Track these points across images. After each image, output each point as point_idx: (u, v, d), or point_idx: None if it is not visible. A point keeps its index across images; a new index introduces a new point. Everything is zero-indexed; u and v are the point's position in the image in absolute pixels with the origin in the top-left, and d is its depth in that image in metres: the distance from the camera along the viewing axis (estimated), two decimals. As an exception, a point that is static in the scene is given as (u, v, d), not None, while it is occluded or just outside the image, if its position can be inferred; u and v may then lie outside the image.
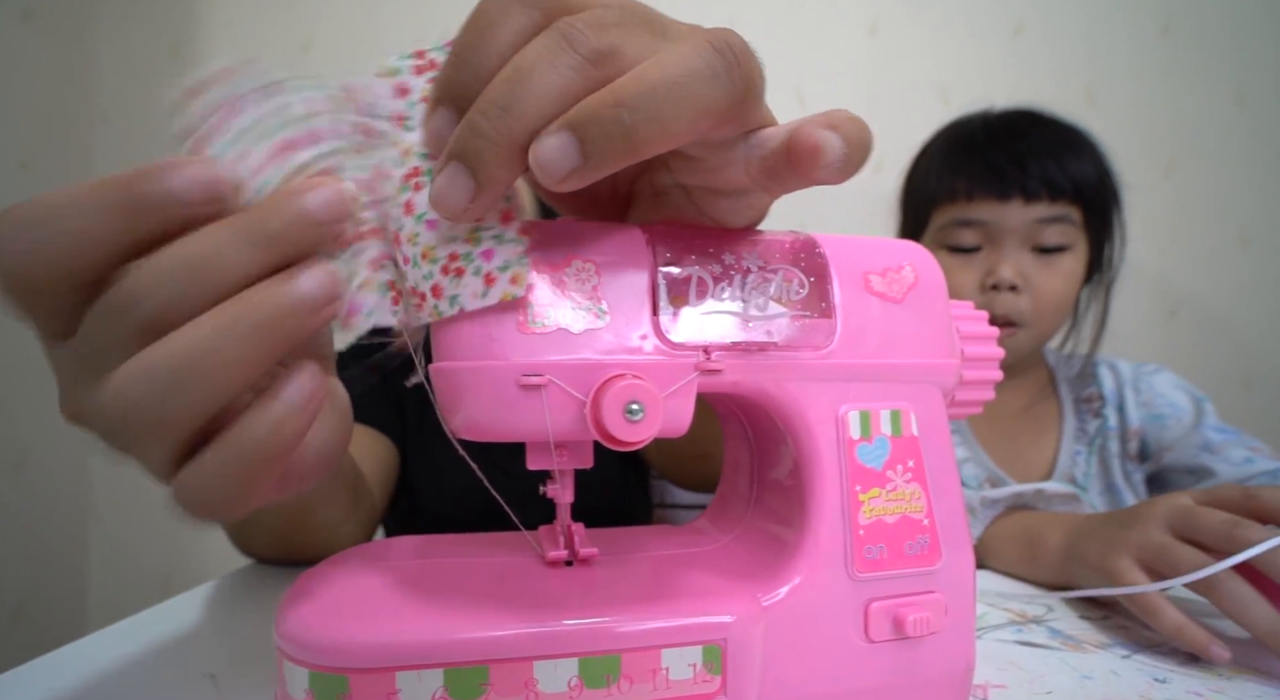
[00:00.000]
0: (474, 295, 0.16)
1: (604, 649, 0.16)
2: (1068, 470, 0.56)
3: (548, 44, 0.14)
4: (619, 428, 0.16)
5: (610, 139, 0.13)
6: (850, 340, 0.20)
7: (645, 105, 0.13)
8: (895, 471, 0.20)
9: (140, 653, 0.25)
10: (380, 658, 0.15)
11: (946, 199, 0.54)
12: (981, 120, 0.56)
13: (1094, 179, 0.53)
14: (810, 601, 0.19)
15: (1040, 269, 0.53)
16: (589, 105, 0.13)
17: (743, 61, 0.14)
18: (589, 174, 0.14)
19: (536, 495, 0.21)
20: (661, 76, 0.13)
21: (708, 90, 0.14)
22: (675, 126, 0.14)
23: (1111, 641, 0.27)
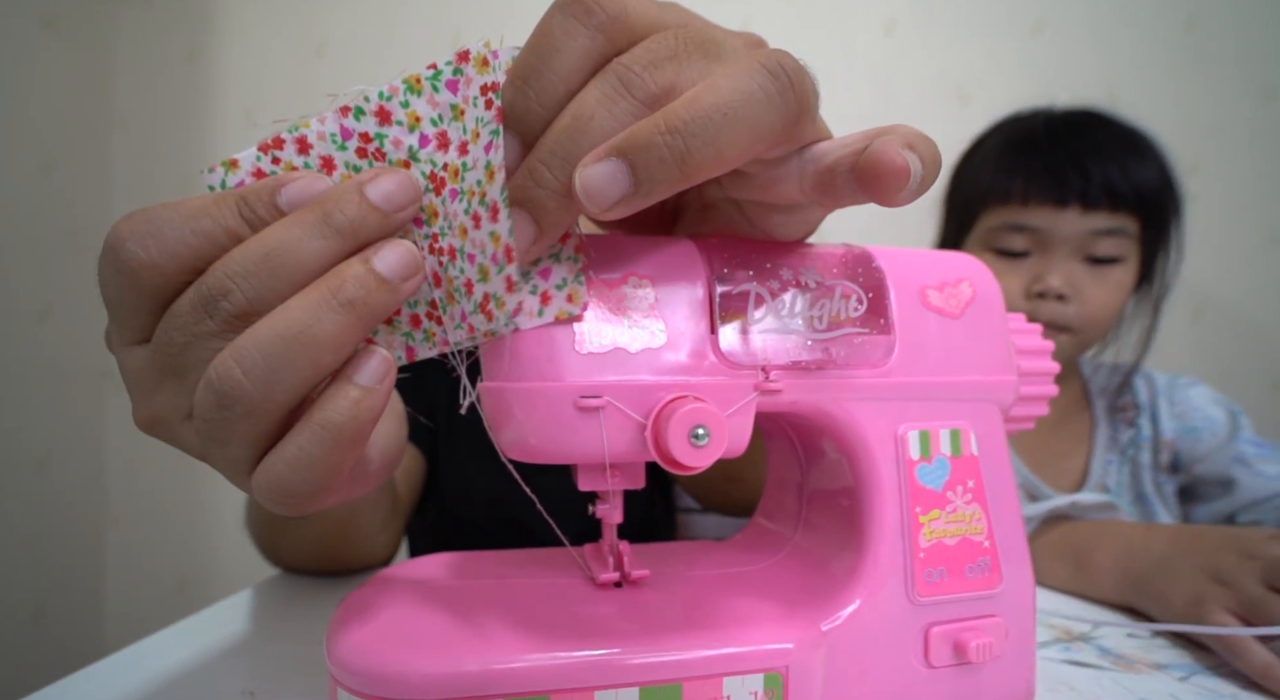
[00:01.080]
0: (530, 314, 0.16)
1: (666, 678, 0.16)
2: (1100, 479, 0.55)
3: (604, 90, 0.14)
4: (684, 453, 0.15)
5: (664, 165, 0.13)
6: (909, 358, 0.19)
7: (699, 131, 0.13)
8: (955, 492, 0.19)
9: (176, 667, 0.25)
10: (441, 689, 0.15)
11: (999, 200, 0.52)
12: (1044, 117, 0.54)
13: (1157, 187, 0.50)
14: (870, 626, 0.18)
15: (1090, 280, 0.51)
16: (640, 132, 0.13)
17: (796, 83, 0.14)
18: (639, 201, 0.14)
19: (565, 507, 0.20)
20: (714, 101, 0.13)
21: (762, 113, 0.14)
22: (730, 151, 0.13)
23: (1166, 662, 0.26)
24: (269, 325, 0.14)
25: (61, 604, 0.92)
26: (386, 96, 0.16)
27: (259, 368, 0.13)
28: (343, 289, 0.14)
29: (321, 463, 0.14)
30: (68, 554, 0.93)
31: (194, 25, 0.96)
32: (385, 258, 0.15)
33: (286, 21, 0.96)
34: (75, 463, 0.93)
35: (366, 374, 0.15)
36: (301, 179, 0.15)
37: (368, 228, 0.15)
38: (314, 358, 0.14)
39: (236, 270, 0.14)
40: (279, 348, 0.13)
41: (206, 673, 0.25)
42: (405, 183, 0.15)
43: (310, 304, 0.14)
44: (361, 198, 0.15)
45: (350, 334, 0.14)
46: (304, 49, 0.96)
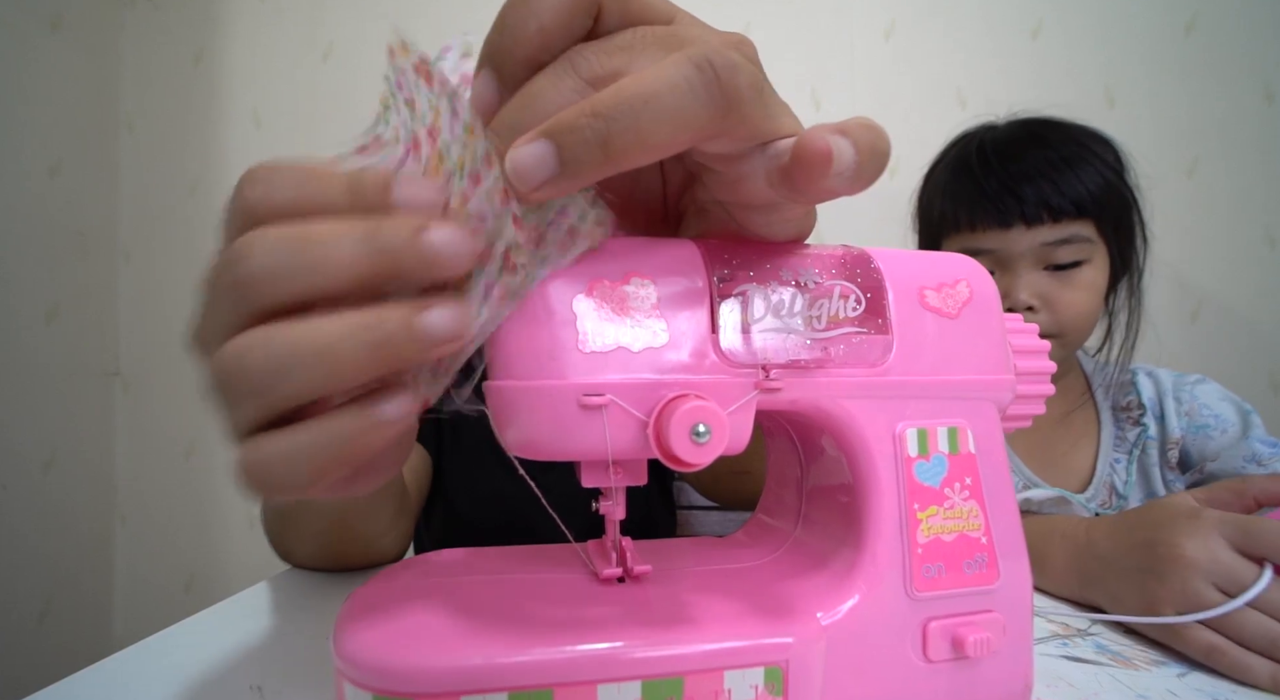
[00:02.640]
0: (561, 250, 0.16)
1: (667, 671, 0.16)
2: (1107, 478, 0.55)
3: (554, 69, 0.15)
4: (685, 450, 0.16)
5: (587, 147, 0.14)
6: (907, 357, 0.20)
7: (620, 116, 0.13)
8: (953, 489, 0.20)
9: (184, 663, 0.26)
10: (446, 682, 0.15)
11: (951, 228, 0.54)
12: (978, 141, 0.55)
13: (1099, 191, 0.51)
14: (869, 621, 0.19)
15: (1057, 286, 0.51)
16: (566, 115, 0.14)
17: (724, 77, 0.14)
18: (564, 183, 0.14)
19: (569, 505, 0.20)
20: (637, 90, 0.14)
21: (685, 104, 0.14)
22: (652, 138, 0.14)
23: (1164, 659, 0.27)
24: (299, 330, 0.14)
25: (69, 602, 0.92)
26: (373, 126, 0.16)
27: (273, 363, 0.13)
28: (381, 327, 0.14)
29: (310, 465, 0.14)
30: (75, 552, 0.94)
31: (201, 27, 0.97)
32: (432, 317, 0.14)
33: (293, 24, 0.97)
34: (82, 462, 0.94)
35: (390, 409, 0.14)
36: (419, 184, 0.15)
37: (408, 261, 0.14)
38: (326, 375, 0.14)
39: (269, 239, 0.14)
40: (296, 356, 0.13)
41: (214, 669, 0.25)
42: (464, 238, 0.15)
43: (344, 329, 0.14)
44: (414, 235, 0.14)
45: (366, 370, 0.14)
46: (311, 52, 0.97)
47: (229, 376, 0.14)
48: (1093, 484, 0.55)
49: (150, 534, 1.00)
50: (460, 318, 0.14)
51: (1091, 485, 0.55)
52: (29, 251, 0.86)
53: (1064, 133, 0.54)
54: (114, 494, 0.99)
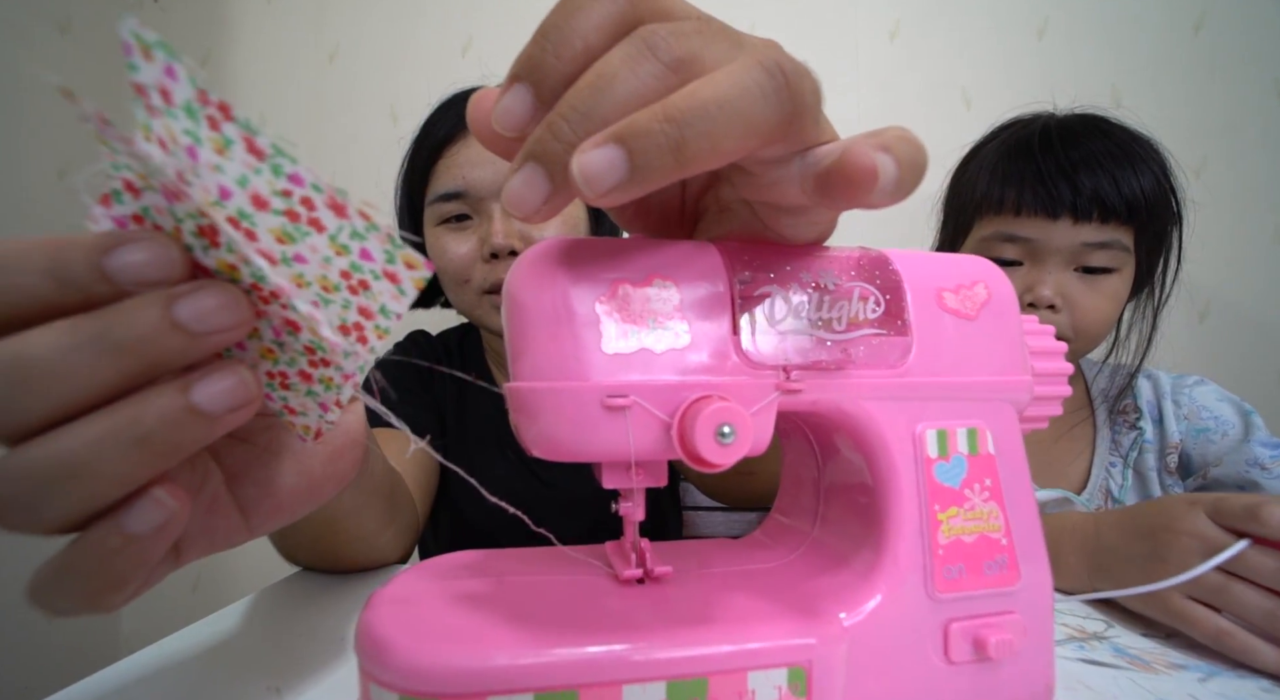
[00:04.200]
0: (394, 297, 0.15)
1: (692, 672, 0.16)
2: (1102, 484, 0.55)
3: (630, 51, 0.14)
4: (710, 450, 0.16)
5: (660, 153, 0.13)
6: (926, 358, 0.20)
7: (695, 121, 0.13)
8: (973, 490, 0.20)
9: (201, 664, 0.26)
10: (473, 683, 0.15)
11: (992, 209, 0.52)
12: (1040, 124, 0.53)
13: (1152, 197, 0.50)
14: (891, 622, 0.19)
15: (1083, 289, 0.51)
16: (639, 119, 0.13)
17: (793, 82, 0.14)
18: (633, 188, 0.13)
19: (574, 506, 0.20)
20: (712, 94, 0.13)
21: (757, 109, 0.14)
22: (725, 144, 0.14)
23: (1185, 663, 0.27)
24: (42, 450, 0.12)
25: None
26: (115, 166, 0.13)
27: (25, 496, 0.12)
28: (142, 423, 0.12)
29: (71, 595, 0.13)
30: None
31: (207, 30, 0.98)
32: (207, 388, 0.12)
33: (299, 26, 0.98)
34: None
35: (134, 519, 0.12)
36: (142, 241, 0.12)
37: (162, 350, 0.12)
38: (90, 493, 0.12)
39: None
40: (46, 477, 0.12)
41: (232, 669, 0.25)
42: (232, 300, 0.12)
43: (95, 435, 0.12)
44: (160, 317, 0.12)
45: (144, 470, 0.12)
46: (316, 55, 0.97)
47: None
48: (1088, 489, 0.55)
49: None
50: (239, 383, 0.13)
51: (1086, 490, 0.55)
52: (37, 254, 0.86)
53: (1121, 129, 0.53)
54: (121, 495, 0.99)
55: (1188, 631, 0.28)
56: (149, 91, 0.12)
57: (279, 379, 0.15)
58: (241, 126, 0.13)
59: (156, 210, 0.13)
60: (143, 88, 0.12)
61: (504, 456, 0.53)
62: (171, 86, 0.12)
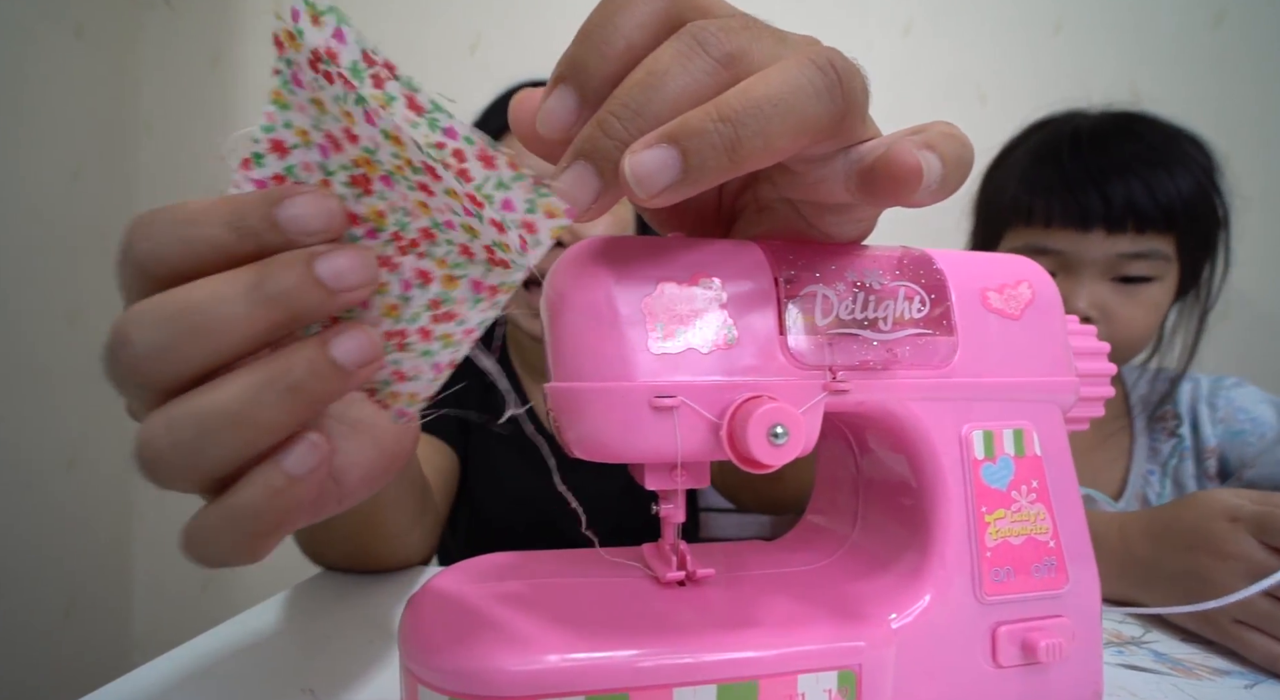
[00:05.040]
0: (533, 248, 0.14)
1: (743, 675, 0.16)
2: (1139, 490, 0.53)
3: (680, 47, 0.14)
4: (763, 451, 0.16)
5: (714, 152, 0.13)
6: (971, 359, 0.19)
7: (749, 120, 0.13)
8: (1019, 492, 0.19)
9: (230, 666, 0.26)
10: (525, 685, 0.15)
11: (1022, 221, 0.49)
12: (1071, 127, 0.50)
13: (1191, 201, 0.47)
14: (939, 625, 0.18)
15: (1121, 300, 0.48)
16: (693, 118, 0.13)
17: (845, 80, 0.14)
18: (686, 189, 0.14)
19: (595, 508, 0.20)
20: (766, 92, 0.13)
21: (810, 106, 0.14)
22: (778, 142, 0.14)
23: (1228, 669, 0.26)
24: (206, 399, 0.13)
25: (92, 600, 0.93)
26: (269, 127, 0.14)
27: (187, 443, 0.13)
28: (289, 374, 0.13)
29: (237, 538, 0.13)
30: (97, 551, 0.95)
31: (218, 30, 0.98)
32: (346, 344, 0.13)
33: (308, 27, 0.98)
34: (103, 462, 0.95)
35: (294, 461, 0.13)
36: (305, 194, 0.13)
37: (305, 303, 0.13)
38: (250, 439, 0.13)
39: (145, 318, 0.13)
40: (213, 425, 0.12)
41: (263, 671, 0.25)
42: (363, 262, 0.14)
43: (254, 384, 0.13)
44: (305, 271, 0.13)
45: (292, 419, 0.13)
46: (325, 54, 0.97)
47: (148, 462, 0.13)
48: (1124, 496, 0.53)
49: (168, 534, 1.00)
50: (369, 340, 0.14)
51: (1123, 497, 0.53)
52: (51, 254, 0.87)
53: (1158, 129, 0.49)
54: (133, 493, 1.00)
55: (1244, 653, 0.27)
56: None
57: (396, 339, 0.16)
58: (404, 84, 0.14)
59: (304, 168, 0.14)
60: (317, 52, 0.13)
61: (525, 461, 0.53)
62: (339, 49, 0.13)
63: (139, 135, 0.98)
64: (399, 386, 0.16)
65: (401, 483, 0.36)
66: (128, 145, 0.97)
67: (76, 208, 0.90)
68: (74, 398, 0.91)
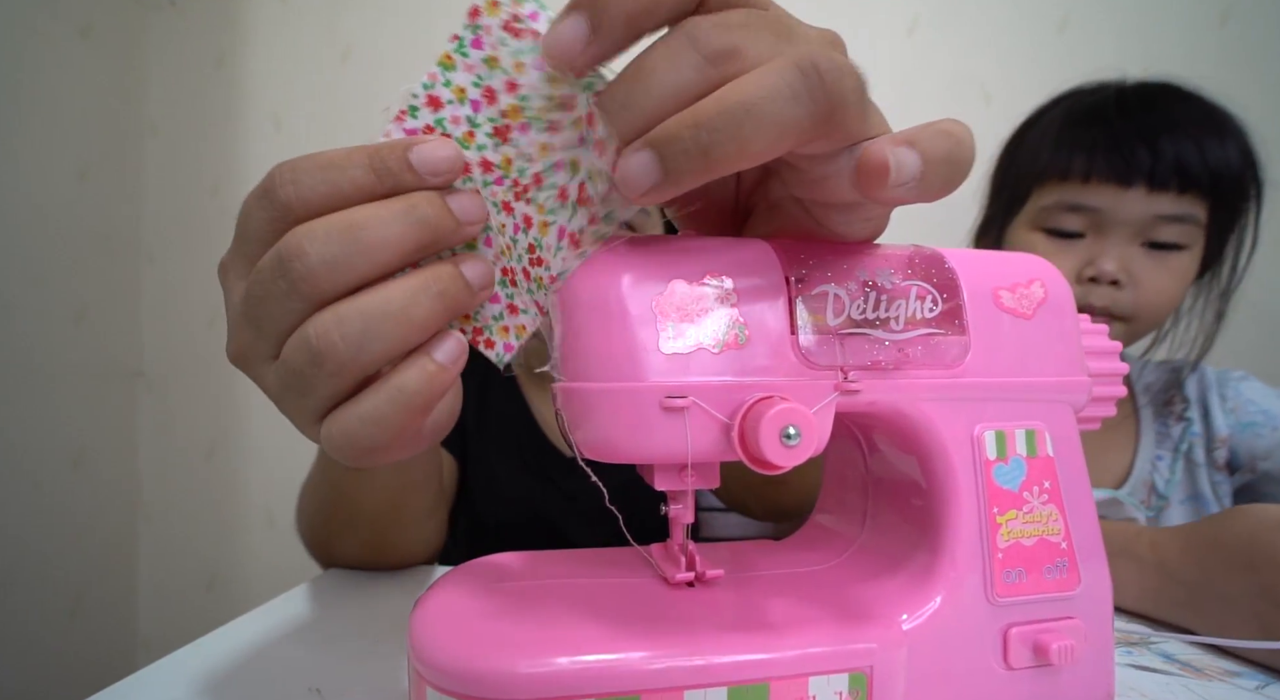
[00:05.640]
0: (624, 201, 0.16)
1: (753, 677, 0.16)
2: (1146, 476, 0.53)
3: (671, 44, 0.14)
4: (775, 452, 0.15)
5: (688, 157, 0.14)
6: (984, 358, 0.19)
7: (722, 126, 0.14)
8: (1031, 493, 0.19)
9: (239, 664, 0.26)
10: (535, 687, 0.15)
11: (1057, 177, 0.47)
12: (1115, 89, 0.49)
13: (1234, 171, 0.46)
14: (950, 626, 0.18)
15: (1149, 265, 0.47)
16: (669, 125, 0.14)
17: (829, 81, 0.14)
18: (668, 189, 0.15)
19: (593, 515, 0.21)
20: (739, 98, 0.14)
21: (786, 110, 0.14)
22: (753, 146, 0.14)
23: (1238, 670, 0.26)
24: (371, 299, 0.15)
25: (97, 599, 0.93)
26: (429, 85, 0.17)
27: (355, 335, 0.15)
28: (440, 281, 0.16)
29: (391, 422, 0.16)
30: (102, 550, 0.95)
31: (222, 30, 0.98)
32: (473, 267, 0.17)
33: (312, 26, 0.98)
34: (109, 460, 0.95)
35: (444, 352, 0.16)
36: (432, 141, 0.16)
37: (444, 228, 0.16)
38: (405, 334, 0.15)
39: (317, 234, 0.15)
40: (377, 320, 0.15)
41: (269, 670, 0.25)
42: (479, 202, 0.17)
43: (411, 288, 0.16)
44: (442, 203, 0.16)
45: (438, 320, 0.16)
46: (330, 54, 0.98)
47: (308, 362, 0.15)
48: (1129, 483, 0.53)
49: (172, 533, 1.01)
50: (486, 267, 0.17)
51: (1128, 484, 0.53)
52: (57, 254, 0.87)
53: (1203, 98, 0.48)
54: (138, 493, 1.00)
55: None
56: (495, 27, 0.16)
57: (510, 276, 0.18)
58: None
59: (452, 121, 0.17)
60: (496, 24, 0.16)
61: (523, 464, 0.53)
62: (539, 14, 0.16)
63: (144, 136, 0.98)
64: (510, 320, 0.18)
65: (431, 462, 0.37)
66: (133, 146, 0.97)
67: (82, 208, 0.90)
68: (79, 397, 0.91)
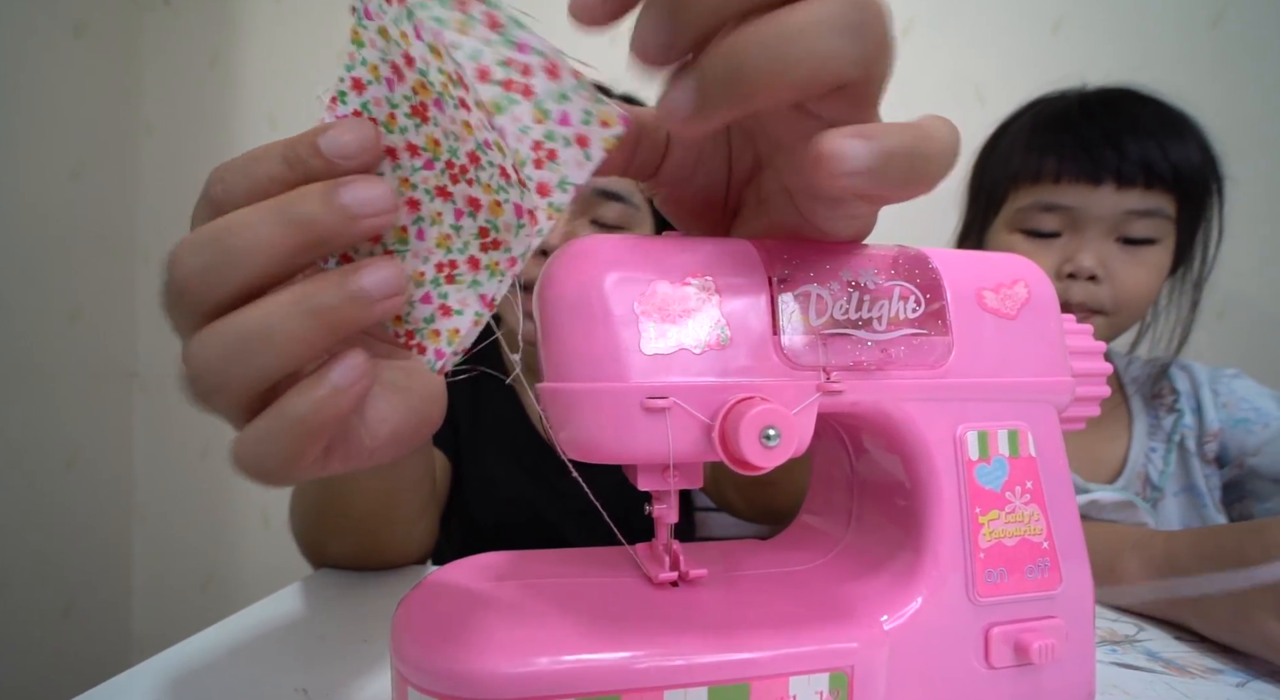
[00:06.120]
0: (578, 164, 0.15)
1: (734, 677, 0.16)
2: (1140, 468, 0.53)
3: None
4: (755, 453, 0.15)
5: (722, 84, 0.13)
6: (967, 359, 0.19)
7: (763, 50, 0.13)
8: (1014, 493, 0.19)
9: (226, 664, 0.26)
10: (514, 687, 0.15)
11: (1030, 179, 0.50)
12: (1077, 96, 0.52)
13: (1196, 167, 0.49)
14: (931, 626, 0.18)
15: (1125, 260, 0.49)
16: (711, 48, 0.13)
17: (877, 21, 0.14)
18: (702, 121, 0.14)
19: (585, 514, 0.20)
20: (794, 19, 0.13)
21: (835, 43, 0.13)
22: (792, 74, 0.13)
23: (1220, 668, 0.26)
24: (243, 317, 0.14)
25: (91, 599, 0.93)
26: (350, 66, 0.16)
27: (228, 355, 0.14)
28: (316, 296, 0.14)
29: (283, 446, 0.14)
30: (96, 550, 0.95)
31: (217, 30, 0.98)
32: (373, 274, 0.15)
33: (307, 26, 0.98)
34: (103, 461, 0.95)
35: (338, 373, 0.15)
36: (342, 124, 0.15)
37: (327, 226, 0.14)
38: (277, 354, 0.14)
39: (193, 242, 0.14)
40: (241, 343, 0.14)
41: (257, 670, 0.25)
42: (383, 190, 0.15)
43: (281, 304, 0.14)
44: (328, 197, 0.14)
45: (318, 339, 0.14)
46: (325, 53, 0.97)
47: (194, 377, 0.14)
48: (1123, 475, 0.53)
49: (167, 533, 1.00)
50: (394, 271, 0.15)
51: (1122, 476, 0.53)
52: (51, 253, 0.87)
53: (1165, 103, 0.51)
54: (133, 493, 1.00)
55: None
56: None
57: (446, 271, 0.16)
58: (487, 4, 0.14)
59: (374, 103, 0.16)
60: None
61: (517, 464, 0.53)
62: None
63: (139, 135, 0.98)
64: (442, 323, 0.16)
65: (422, 464, 0.36)
66: (127, 145, 0.97)
67: (77, 207, 0.90)
68: (74, 397, 0.91)
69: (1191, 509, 0.53)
